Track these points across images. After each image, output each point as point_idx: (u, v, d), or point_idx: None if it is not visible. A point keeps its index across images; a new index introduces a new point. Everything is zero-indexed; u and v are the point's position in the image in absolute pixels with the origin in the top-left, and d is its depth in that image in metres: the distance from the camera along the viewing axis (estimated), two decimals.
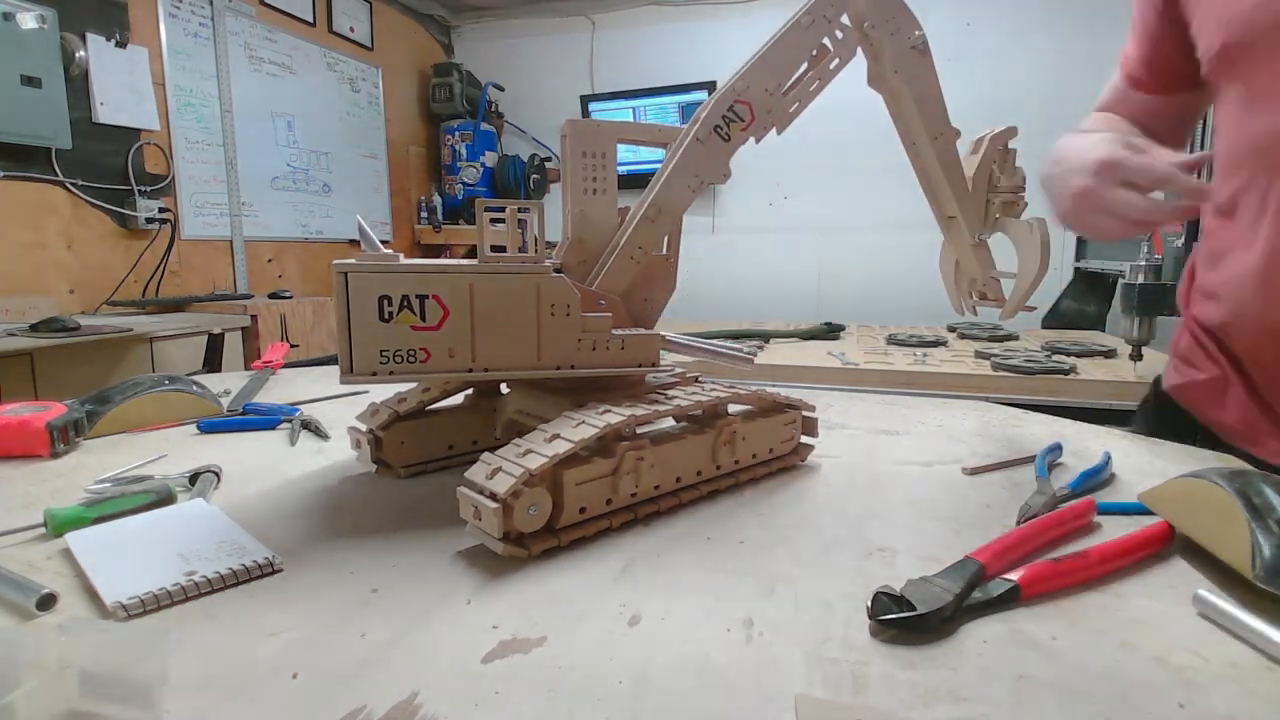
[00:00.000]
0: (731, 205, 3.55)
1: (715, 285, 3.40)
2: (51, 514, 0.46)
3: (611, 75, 3.69)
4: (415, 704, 0.30)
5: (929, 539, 0.47)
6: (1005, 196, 0.67)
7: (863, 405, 0.87)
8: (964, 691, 0.31)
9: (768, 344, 1.93)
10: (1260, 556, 0.37)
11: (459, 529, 0.45)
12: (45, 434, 0.63)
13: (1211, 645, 0.34)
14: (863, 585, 0.40)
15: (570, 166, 0.53)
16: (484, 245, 0.48)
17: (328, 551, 0.45)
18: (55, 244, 2.12)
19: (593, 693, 0.31)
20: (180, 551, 0.42)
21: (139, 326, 1.81)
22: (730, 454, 0.55)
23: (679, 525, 0.49)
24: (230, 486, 0.57)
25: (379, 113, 3.47)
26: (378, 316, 0.45)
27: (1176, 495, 0.46)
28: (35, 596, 0.37)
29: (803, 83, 0.57)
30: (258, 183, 2.82)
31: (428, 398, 0.60)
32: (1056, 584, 0.39)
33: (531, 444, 0.45)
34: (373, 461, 0.59)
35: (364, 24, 3.35)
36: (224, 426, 0.74)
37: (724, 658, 0.33)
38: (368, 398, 0.83)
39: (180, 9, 2.49)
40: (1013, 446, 0.68)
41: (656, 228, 0.54)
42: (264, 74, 2.83)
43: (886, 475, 0.60)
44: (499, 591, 0.40)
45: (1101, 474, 0.58)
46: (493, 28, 3.90)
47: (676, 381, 0.59)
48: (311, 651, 0.34)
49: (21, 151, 1.99)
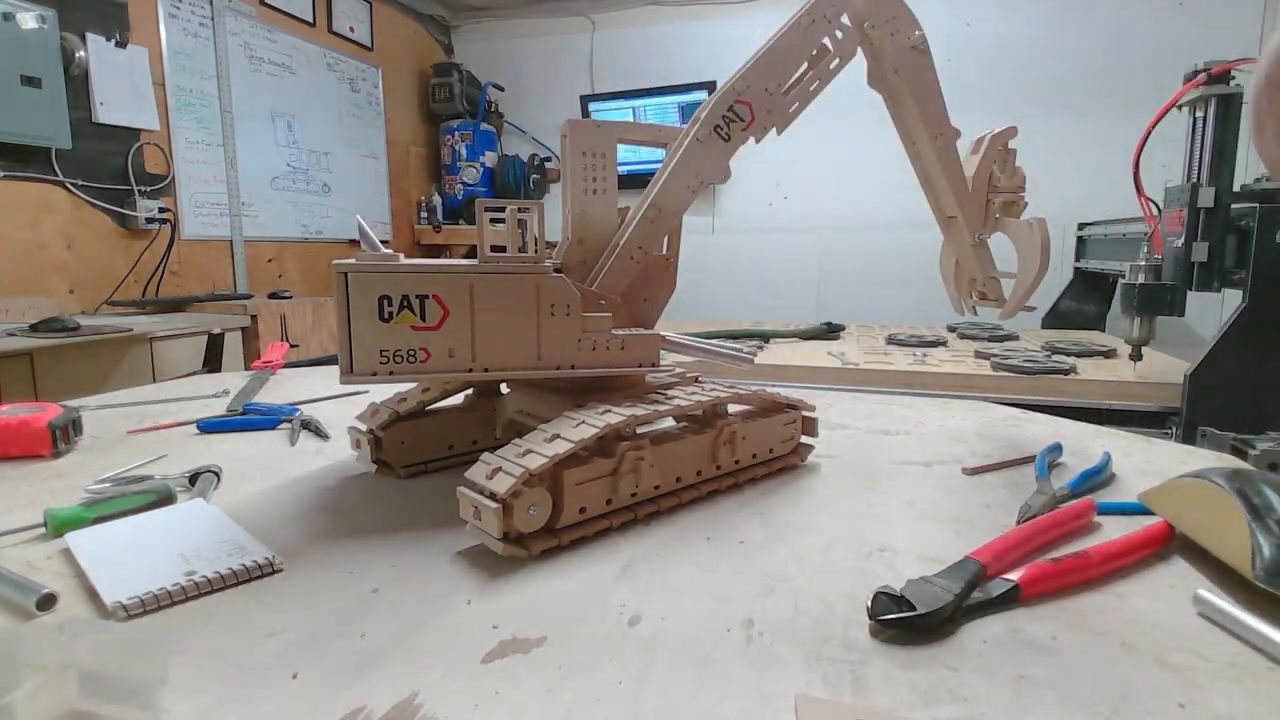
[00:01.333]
0: (731, 205, 3.55)
1: (715, 285, 3.40)
2: (51, 514, 0.46)
3: (611, 75, 3.69)
4: (415, 704, 0.30)
5: (929, 539, 0.47)
6: (1005, 196, 0.67)
7: (863, 405, 0.87)
8: (964, 691, 0.31)
9: (768, 344, 1.93)
10: (1260, 556, 0.37)
11: (459, 529, 0.45)
12: (47, 434, 0.63)
13: (1211, 645, 0.34)
14: (863, 585, 0.40)
15: (570, 166, 0.53)
16: (484, 245, 0.48)
17: (328, 551, 0.45)
18: (55, 244, 2.11)
19: (593, 693, 0.31)
20: (180, 551, 0.42)
21: (139, 326, 1.81)
22: (730, 454, 0.55)
23: (679, 525, 0.49)
24: (230, 486, 0.57)
25: (379, 113, 3.46)
26: (378, 316, 0.45)
27: (1176, 495, 0.46)
28: (35, 596, 0.37)
29: (803, 83, 0.57)
30: (258, 182, 2.82)
31: (428, 398, 0.60)
32: (1056, 584, 0.39)
33: (531, 444, 0.45)
34: (373, 461, 0.59)
35: (364, 24, 3.35)
36: (224, 426, 0.74)
37: (724, 658, 0.33)
38: (368, 398, 0.83)
39: (180, 9, 2.48)
40: (1013, 446, 0.68)
41: (656, 228, 0.54)
42: (264, 74, 2.83)
43: (886, 475, 0.60)
44: (499, 591, 0.40)
45: (1102, 474, 0.58)
46: (493, 28, 3.89)
47: (676, 381, 0.59)
48: (311, 651, 0.34)
49: (21, 151, 1.99)
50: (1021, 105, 2.90)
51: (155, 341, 1.88)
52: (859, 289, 3.30)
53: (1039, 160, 0.74)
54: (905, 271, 3.05)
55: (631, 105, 3.61)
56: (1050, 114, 2.87)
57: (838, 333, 2.10)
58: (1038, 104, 2.93)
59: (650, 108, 3.58)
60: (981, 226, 0.68)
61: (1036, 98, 2.94)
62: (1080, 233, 2.53)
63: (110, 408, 0.85)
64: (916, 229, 2.46)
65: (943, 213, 0.69)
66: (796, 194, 3.44)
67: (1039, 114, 2.87)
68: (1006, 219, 0.68)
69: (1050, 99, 2.92)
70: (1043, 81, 2.96)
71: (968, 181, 0.66)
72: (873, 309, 3.13)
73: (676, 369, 0.60)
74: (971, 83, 2.80)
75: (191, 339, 2.00)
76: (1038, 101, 2.94)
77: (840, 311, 2.95)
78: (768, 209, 3.50)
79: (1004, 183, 0.67)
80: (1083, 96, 2.88)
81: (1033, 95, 2.95)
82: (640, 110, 3.60)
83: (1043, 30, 2.97)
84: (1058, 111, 2.88)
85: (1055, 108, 2.89)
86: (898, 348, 1.86)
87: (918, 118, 0.62)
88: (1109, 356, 1.71)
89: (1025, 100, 2.93)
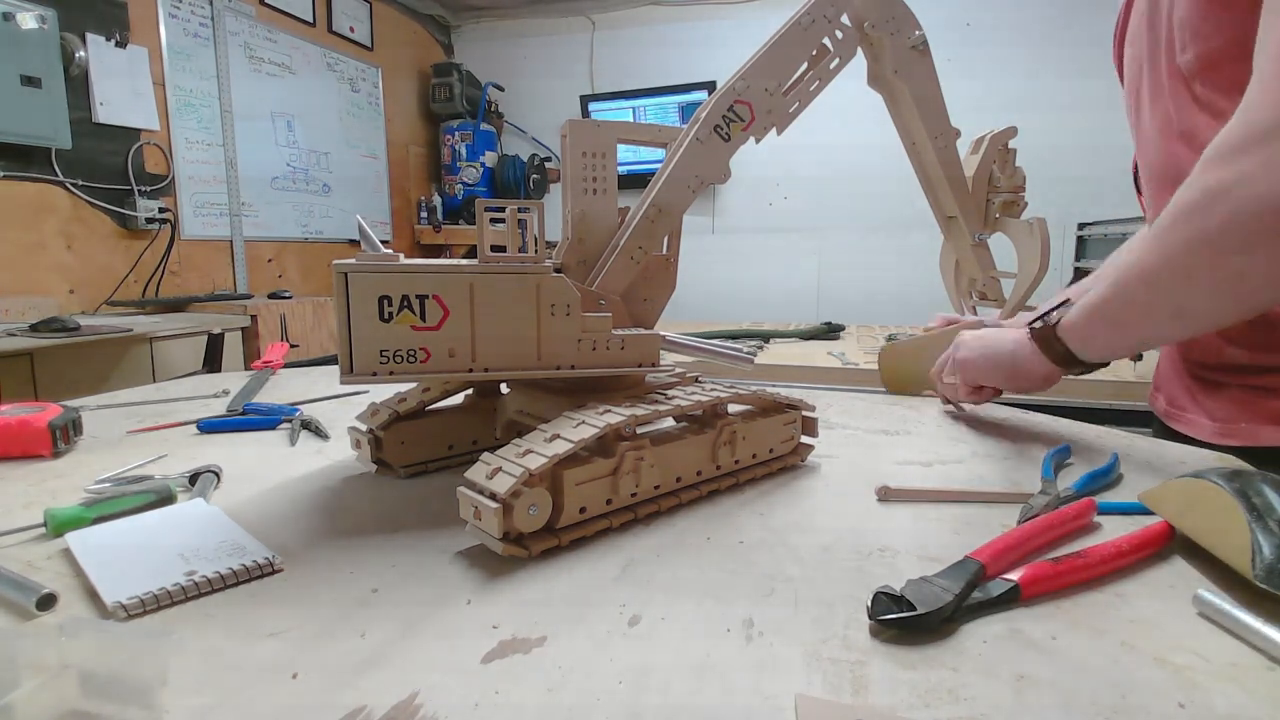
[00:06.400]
0: (731, 205, 3.55)
1: (715, 285, 3.40)
2: (51, 514, 0.46)
3: (611, 75, 3.69)
4: (415, 704, 0.30)
5: (929, 539, 0.47)
6: (1005, 196, 0.68)
7: (863, 405, 0.87)
8: (964, 691, 0.31)
9: (768, 344, 1.93)
10: (1260, 556, 0.37)
11: (459, 529, 0.45)
12: (47, 433, 0.63)
13: (1211, 645, 0.34)
14: (863, 585, 0.40)
15: (570, 166, 0.53)
16: (484, 245, 0.48)
17: (328, 551, 0.45)
18: (55, 244, 2.11)
19: (593, 693, 0.31)
20: (180, 551, 0.42)
21: (139, 326, 1.81)
22: (730, 454, 0.55)
23: (679, 525, 0.49)
24: (230, 486, 0.57)
25: (379, 113, 3.46)
26: (378, 316, 0.45)
27: (1176, 495, 0.46)
28: (35, 596, 0.37)
29: (803, 82, 0.57)
30: (258, 183, 2.82)
31: (428, 398, 0.60)
32: (1056, 584, 0.39)
33: (531, 444, 0.45)
34: (373, 461, 0.59)
35: (364, 24, 3.35)
36: (224, 426, 0.74)
37: (724, 658, 0.33)
38: (368, 398, 0.83)
39: (180, 9, 2.48)
40: (1014, 447, 0.68)
41: (656, 228, 0.54)
42: (264, 74, 2.83)
43: (886, 475, 0.60)
44: (499, 591, 0.40)
45: (1109, 475, 0.58)
46: (493, 28, 3.89)
47: (676, 381, 0.59)
48: (311, 651, 0.34)
49: (21, 151, 1.99)
50: (1022, 105, 2.90)
51: (155, 341, 1.88)
52: (859, 289, 3.30)
53: (1039, 160, 0.74)
54: (905, 271, 3.05)
55: (631, 105, 3.61)
56: (1050, 114, 2.87)
57: (838, 333, 2.10)
58: (1038, 104, 2.93)
59: (650, 108, 3.59)
60: (981, 227, 0.68)
61: (1037, 97, 2.94)
62: (1080, 233, 2.53)
63: (110, 408, 0.85)
64: (916, 229, 2.46)
65: (943, 213, 0.69)
66: (796, 194, 3.44)
67: (1039, 114, 2.87)
68: (1006, 219, 0.68)
69: (1050, 98, 2.91)
70: (1043, 81, 2.96)
71: (968, 181, 0.66)
72: (873, 309, 3.13)
73: (676, 369, 0.60)
74: (971, 82, 2.80)
75: (191, 339, 2.00)
76: (1038, 101, 2.94)
77: (840, 311, 2.95)
78: (768, 209, 3.50)
79: (1004, 183, 0.67)
80: (1083, 95, 2.87)
81: (1033, 95, 2.95)
82: (640, 110, 3.60)
83: (1043, 29, 2.97)
84: (1058, 111, 2.88)
85: (1055, 107, 2.89)
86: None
87: (918, 118, 0.62)
88: None
89: (1025, 100, 2.93)
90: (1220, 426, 0.69)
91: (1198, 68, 0.61)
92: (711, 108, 0.54)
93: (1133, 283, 0.55)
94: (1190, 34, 0.61)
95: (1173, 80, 0.65)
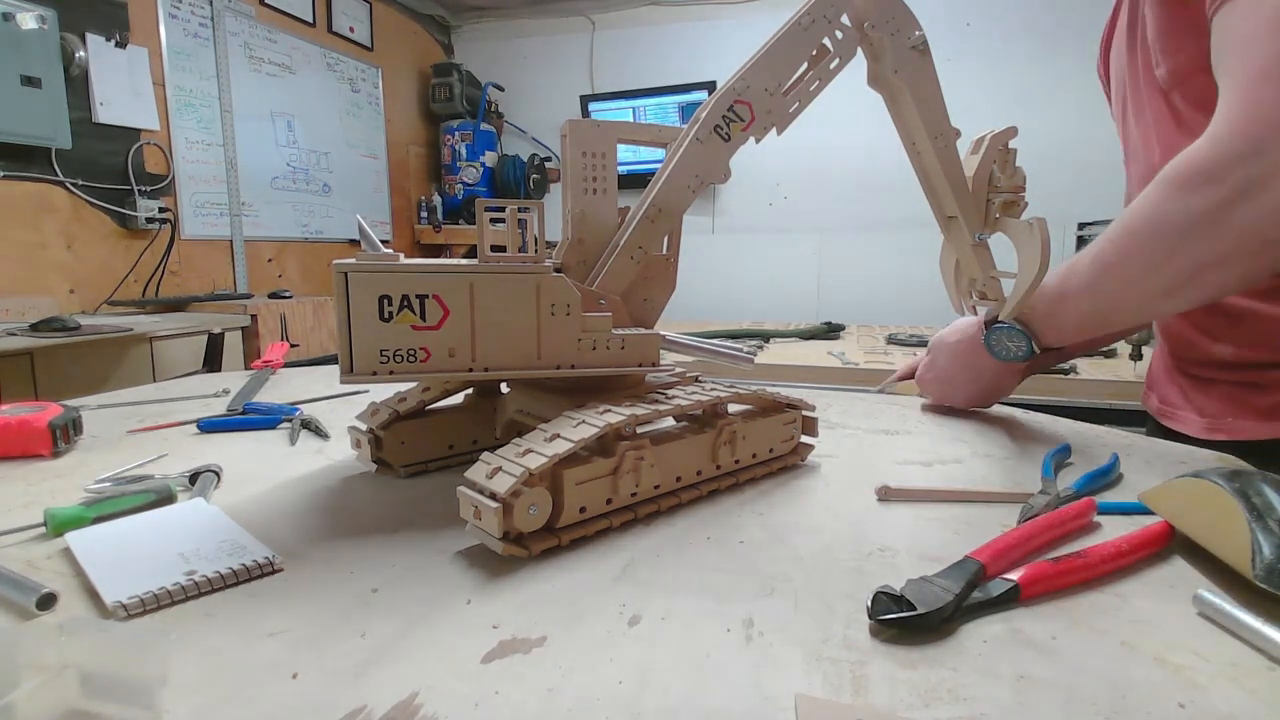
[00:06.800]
0: (731, 205, 3.55)
1: (715, 285, 3.40)
2: (51, 514, 0.46)
3: (611, 75, 3.69)
4: (415, 704, 0.30)
5: (929, 539, 0.47)
6: (1005, 196, 0.67)
7: (863, 405, 0.87)
8: (964, 691, 0.31)
9: (768, 344, 1.93)
10: (1260, 556, 0.37)
11: (459, 529, 0.45)
12: (48, 433, 0.63)
13: (1211, 645, 0.34)
14: (863, 585, 0.40)
15: (570, 166, 0.53)
16: (484, 245, 0.48)
17: (328, 551, 0.45)
18: (55, 244, 2.11)
19: (593, 693, 0.31)
20: (180, 551, 0.42)
21: (139, 326, 1.81)
22: (730, 454, 0.55)
23: (679, 525, 0.49)
24: (230, 486, 0.57)
25: (379, 113, 3.46)
26: (378, 316, 0.45)
27: (1176, 495, 0.46)
28: (35, 596, 0.37)
29: (803, 83, 0.57)
30: (258, 183, 2.82)
31: (428, 397, 0.60)
32: (1056, 584, 0.39)
33: (531, 444, 0.45)
34: (373, 461, 0.59)
35: (364, 24, 3.35)
36: (224, 426, 0.74)
37: (724, 658, 0.33)
38: (368, 397, 0.83)
39: (180, 9, 2.48)
40: (1014, 446, 0.68)
41: (656, 228, 0.54)
42: (264, 74, 2.83)
43: (886, 475, 0.60)
44: (499, 591, 0.40)
45: (1109, 475, 0.58)
46: (493, 28, 3.89)
47: (676, 381, 0.59)
48: (311, 651, 0.34)
49: (21, 151, 1.99)
50: (1022, 105, 2.90)
51: (155, 341, 1.88)
52: (859, 289, 3.30)
53: (1039, 160, 0.74)
54: (905, 271, 3.05)
55: (631, 105, 3.61)
56: (1050, 114, 2.87)
57: (838, 333, 2.10)
58: (1038, 104, 2.93)
59: (650, 108, 3.59)
60: (981, 227, 0.68)
61: (1036, 97, 2.94)
62: (1080, 233, 2.53)
63: (110, 407, 0.85)
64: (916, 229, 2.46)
65: (943, 213, 0.68)
66: (796, 194, 3.44)
67: (1039, 114, 2.87)
68: (1006, 219, 0.68)
69: (1050, 98, 2.91)
70: (1043, 81, 2.96)
71: (968, 181, 0.66)
72: (873, 309, 3.13)
73: (676, 369, 0.60)
74: (971, 82, 2.81)
75: (191, 339, 2.00)
76: (1038, 101, 2.94)
77: (840, 311, 2.95)
78: (768, 209, 3.50)
79: (1004, 183, 0.67)
80: (1083, 95, 2.87)
81: (1033, 95, 2.95)
82: (640, 110, 3.60)
83: (1043, 30, 2.97)
84: (1058, 111, 2.88)
85: (1055, 107, 2.89)
86: (898, 347, 1.86)
87: (918, 118, 0.62)
88: (1109, 356, 1.71)
89: (1025, 100, 2.93)
90: (1209, 422, 0.70)
91: (1171, 82, 0.65)
92: (711, 108, 0.54)
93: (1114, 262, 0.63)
94: (1160, 50, 0.64)
95: (1151, 92, 0.68)
